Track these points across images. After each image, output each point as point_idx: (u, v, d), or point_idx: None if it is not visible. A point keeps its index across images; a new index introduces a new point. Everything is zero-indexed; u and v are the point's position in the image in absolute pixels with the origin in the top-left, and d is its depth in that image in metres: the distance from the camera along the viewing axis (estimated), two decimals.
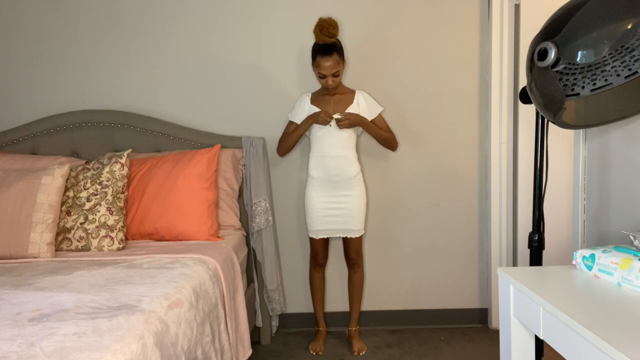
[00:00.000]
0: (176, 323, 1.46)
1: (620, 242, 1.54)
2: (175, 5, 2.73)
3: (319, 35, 2.31)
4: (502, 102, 2.69)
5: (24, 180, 2.14)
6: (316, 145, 2.48)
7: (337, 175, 2.45)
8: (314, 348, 2.58)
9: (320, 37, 2.31)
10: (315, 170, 2.49)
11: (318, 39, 2.33)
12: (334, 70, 2.35)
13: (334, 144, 2.44)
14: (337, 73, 2.37)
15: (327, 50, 2.32)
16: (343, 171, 2.45)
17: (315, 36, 2.34)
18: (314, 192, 2.50)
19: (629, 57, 1.17)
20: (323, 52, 2.32)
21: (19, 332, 1.25)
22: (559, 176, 2.56)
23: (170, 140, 2.68)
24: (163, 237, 2.31)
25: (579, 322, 1.00)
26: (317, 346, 2.58)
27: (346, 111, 2.43)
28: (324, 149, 2.45)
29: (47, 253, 2.06)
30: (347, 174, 2.46)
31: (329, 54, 2.32)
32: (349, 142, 2.47)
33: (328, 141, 2.44)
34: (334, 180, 2.46)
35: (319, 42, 2.34)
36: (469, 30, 2.73)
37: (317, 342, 2.61)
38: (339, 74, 2.38)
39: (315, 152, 2.49)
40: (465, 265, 2.86)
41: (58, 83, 2.78)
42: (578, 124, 1.38)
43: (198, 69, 2.75)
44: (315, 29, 2.32)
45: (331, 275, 2.81)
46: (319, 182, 2.48)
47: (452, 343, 2.66)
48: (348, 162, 2.46)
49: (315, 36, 2.33)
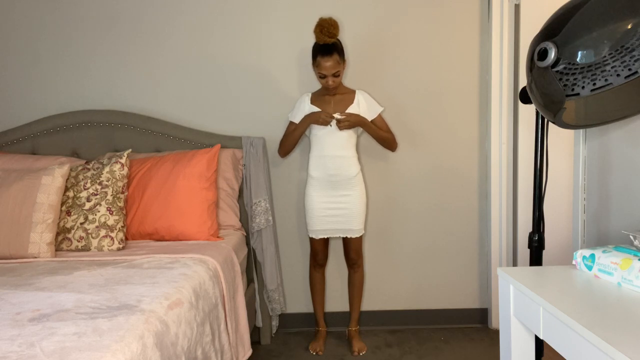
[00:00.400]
0: (176, 323, 1.46)
1: (620, 242, 1.54)
2: (176, 5, 2.73)
3: (320, 35, 2.31)
4: (502, 102, 2.69)
5: (24, 180, 2.14)
6: (316, 145, 2.48)
7: (337, 175, 2.45)
8: (314, 348, 2.58)
9: (320, 37, 2.31)
10: (315, 170, 2.48)
11: (318, 39, 2.33)
12: (335, 70, 2.34)
13: (334, 144, 2.44)
14: (337, 73, 2.36)
15: (328, 50, 2.32)
16: (343, 171, 2.45)
17: (315, 36, 2.33)
18: (314, 192, 2.50)
19: (629, 57, 1.17)
20: (323, 52, 2.32)
21: (19, 332, 1.25)
22: (559, 176, 2.56)
23: (170, 140, 2.68)
24: (163, 237, 2.31)
25: (579, 322, 1.00)
26: (317, 346, 2.58)
27: (346, 111, 2.43)
28: (324, 149, 2.45)
29: (47, 253, 2.06)
30: (347, 174, 2.46)
31: (329, 54, 2.32)
32: (349, 142, 2.47)
33: (328, 141, 2.44)
34: (334, 181, 2.46)
35: (319, 42, 2.34)
36: (469, 30, 2.73)
37: (317, 342, 2.61)
38: (339, 74, 2.38)
39: (315, 152, 2.48)
40: (465, 265, 2.86)
41: (58, 83, 2.78)
42: (578, 124, 1.38)
43: (198, 69, 2.75)
44: (316, 29, 2.32)
45: (331, 275, 2.81)
46: (319, 182, 2.48)
47: (452, 343, 2.66)
48: (348, 162, 2.46)
49: (316, 36, 2.33)
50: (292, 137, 2.52)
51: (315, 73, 2.42)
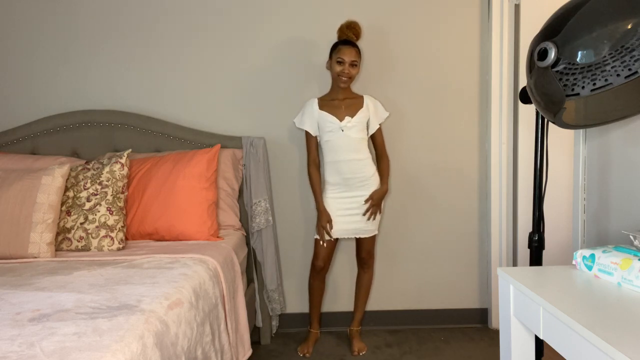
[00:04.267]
0: (176, 323, 1.46)
1: (620, 242, 1.54)
2: (176, 5, 2.73)
3: (344, 30, 2.41)
4: (502, 102, 2.69)
5: (24, 180, 2.14)
6: (329, 152, 2.45)
7: (352, 178, 2.44)
8: (302, 350, 2.56)
9: (345, 31, 2.41)
10: (330, 176, 2.47)
11: (342, 33, 2.41)
12: (354, 58, 2.36)
13: (347, 148, 2.42)
14: (355, 62, 2.37)
15: (350, 43, 2.38)
16: (358, 174, 2.44)
17: (339, 32, 2.42)
18: (330, 195, 2.48)
19: (629, 57, 1.16)
20: (346, 42, 2.38)
21: (19, 332, 1.25)
22: (559, 176, 2.56)
23: (170, 140, 2.68)
24: (163, 237, 2.31)
25: (579, 322, 1.00)
26: (305, 348, 2.56)
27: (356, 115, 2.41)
28: (337, 154, 2.43)
29: (47, 253, 2.06)
30: (362, 176, 2.44)
31: (351, 45, 2.38)
32: (362, 145, 2.46)
33: (341, 146, 2.42)
34: (350, 184, 2.45)
35: (342, 37, 2.42)
36: (469, 30, 2.73)
37: (307, 343, 2.59)
38: (356, 64, 2.39)
39: (328, 157, 2.46)
40: (465, 265, 2.86)
41: (58, 83, 2.78)
42: (578, 124, 1.38)
43: (198, 69, 2.75)
44: (342, 26, 2.42)
45: (334, 276, 2.81)
46: (336, 186, 2.47)
47: (452, 343, 2.66)
48: (363, 164, 2.45)
49: (340, 31, 2.42)
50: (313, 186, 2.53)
51: (331, 66, 2.41)
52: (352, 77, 2.41)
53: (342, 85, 2.41)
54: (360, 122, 2.44)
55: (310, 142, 2.51)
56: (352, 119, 2.41)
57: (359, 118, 2.43)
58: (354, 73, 2.40)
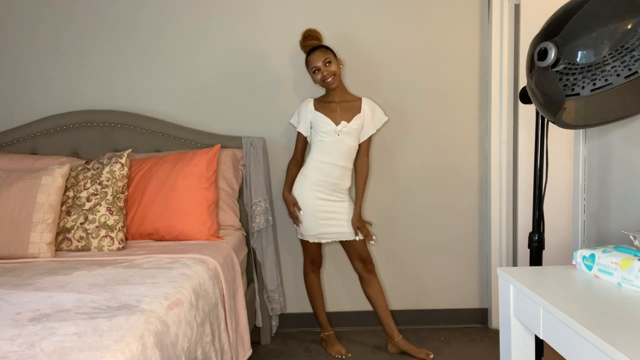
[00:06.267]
0: (176, 323, 1.46)
1: (620, 242, 1.54)
2: (176, 5, 2.73)
3: (304, 43, 2.45)
4: (502, 102, 2.69)
5: (24, 180, 2.14)
6: (320, 150, 2.40)
7: (335, 184, 2.41)
8: (338, 351, 2.52)
9: (305, 43, 2.44)
10: (313, 173, 2.40)
11: (304, 47, 2.45)
12: (324, 57, 2.33)
13: (340, 153, 2.39)
14: (327, 60, 2.33)
15: (314, 48, 2.39)
16: (341, 181, 2.42)
17: (301, 47, 2.47)
18: (308, 194, 2.41)
19: (629, 57, 1.16)
20: (311, 51, 2.39)
21: (19, 332, 1.25)
22: (559, 176, 2.56)
23: (170, 140, 2.68)
24: (163, 237, 2.31)
25: (579, 322, 1.00)
26: (340, 349, 2.53)
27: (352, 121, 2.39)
28: (327, 156, 2.39)
29: (47, 253, 2.06)
30: (343, 185, 2.43)
31: (316, 49, 2.38)
32: (353, 154, 2.45)
33: (335, 149, 2.39)
34: (329, 187, 2.41)
35: (306, 49, 2.43)
36: (469, 30, 2.73)
37: (336, 345, 2.56)
38: (330, 60, 2.34)
39: (317, 155, 2.41)
40: (465, 265, 2.86)
41: (58, 83, 2.78)
42: (578, 124, 1.38)
43: (198, 68, 2.75)
44: (300, 42, 2.46)
45: (329, 275, 2.81)
46: (315, 185, 2.40)
47: (452, 343, 2.66)
48: (347, 173, 2.44)
49: (301, 46, 2.46)
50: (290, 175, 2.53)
51: (313, 79, 2.39)
52: (334, 73, 2.35)
53: (332, 86, 2.38)
54: (356, 129, 2.40)
55: (299, 140, 2.51)
56: (347, 123, 2.38)
57: (354, 124, 2.39)
58: (333, 69, 2.34)
